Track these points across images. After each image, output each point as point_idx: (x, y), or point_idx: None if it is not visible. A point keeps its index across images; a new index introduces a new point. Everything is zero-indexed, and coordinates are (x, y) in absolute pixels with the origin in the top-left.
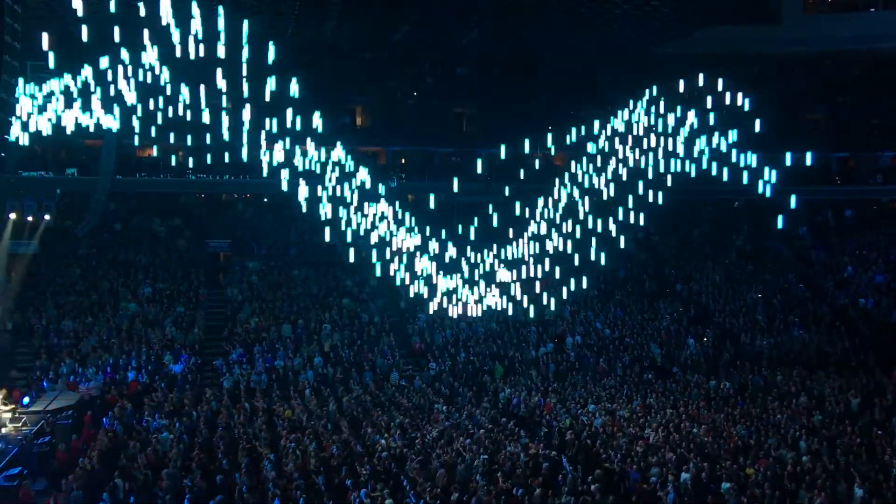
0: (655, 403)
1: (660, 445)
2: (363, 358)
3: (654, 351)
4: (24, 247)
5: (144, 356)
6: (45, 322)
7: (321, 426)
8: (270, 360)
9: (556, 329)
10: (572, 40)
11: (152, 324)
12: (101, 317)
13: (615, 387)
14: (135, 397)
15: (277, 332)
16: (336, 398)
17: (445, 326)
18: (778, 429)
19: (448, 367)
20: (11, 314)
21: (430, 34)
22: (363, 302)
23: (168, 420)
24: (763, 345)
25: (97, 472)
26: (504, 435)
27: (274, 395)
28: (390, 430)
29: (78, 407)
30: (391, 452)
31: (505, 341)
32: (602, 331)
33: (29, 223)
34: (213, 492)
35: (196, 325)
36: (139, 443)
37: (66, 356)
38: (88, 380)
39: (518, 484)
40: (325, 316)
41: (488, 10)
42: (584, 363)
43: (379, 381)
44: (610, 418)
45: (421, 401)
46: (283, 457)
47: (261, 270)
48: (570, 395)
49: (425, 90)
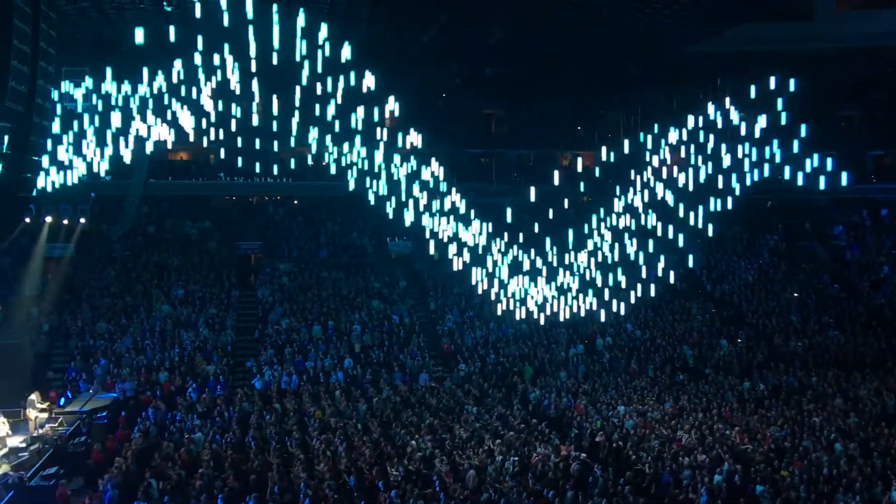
0: (688, 405)
1: (692, 447)
2: (393, 359)
3: (686, 352)
4: (59, 250)
5: (177, 357)
6: (81, 324)
7: (352, 427)
8: (301, 360)
9: (586, 330)
10: (601, 40)
11: (185, 325)
12: (134, 318)
13: (646, 388)
14: (168, 398)
15: (308, 333)
16: (366, 399)
17: (475, 327)
18: (813, 431)
19: (478, 369)
20: (48, 316)
21: (459, 35)
22: (393, 303)
23: (201, 420)
24: (797, 346)
25: (132, 471)
26: (534, 437)
27: (305, 396)
28: (420, 431)
29: (113, 407)
30: (422, 453)
31: (534, 342)
32: (633, 332)
33: (64, 227)
34: (245, 492)
35: (228, 326)
36: (173, 443)
37: (100, 357)
38: (123, 380)
39: (548, 486)
40: (354, 317)
41: (516, 9)
42: (614, 365)
43: (409, 382)
44: (641, 420)
45: (450, 402)
46: (315, 457)
47: (291, 272)
48: (601, 396)
49: (454, 91)
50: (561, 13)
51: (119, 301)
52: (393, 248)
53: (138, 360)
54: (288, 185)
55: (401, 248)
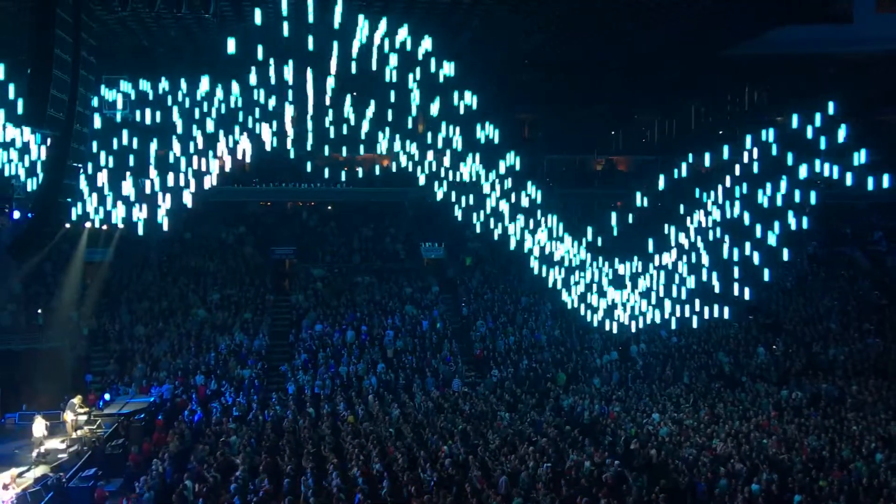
0: (724, 413)
1: (728, 456)
2: (425, 364)
3: (722, 359)
4: (99, 255)
5: (213, 361)
6: (119, 327)
7: (385, 432)
8: (334, 365)
9: (620, 337)
10: (637, 42)
11: (221, 329)
12: (171, 322)
13: (681, 396)
14: (204, 401)
15: (341, 338)
16: (399, 404)
17: (508, 333)
18: (853, 440)
19: (510, 374)
20: (87, 320)
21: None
22: (426, 308)
23: (236, 424)
24: (836, 353)
25: (168, 474)
26: (567, 443)
27: (338, 401)
28: (453, 437)
29: (150, 410)
30: (454, 459)
31: (568, 348)
32: (668, 339)
33: (103, 232)
34: (279, 495)
35: (262, 330)
36: (208, 446)
37: (138, 360)
38: (160, 384)
39: (581, 493)
40: (387, 322)
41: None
42: (649, 371)
43: (442, 388)
44: (676, 428)
45: (483, 408)
46: (348, 462)
47: (325, 277)
48: (635, 403)
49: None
50: (597, 17)
51: (156, 305)
52: (426, 253)
53: (175, 363)
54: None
55: (434, 253)
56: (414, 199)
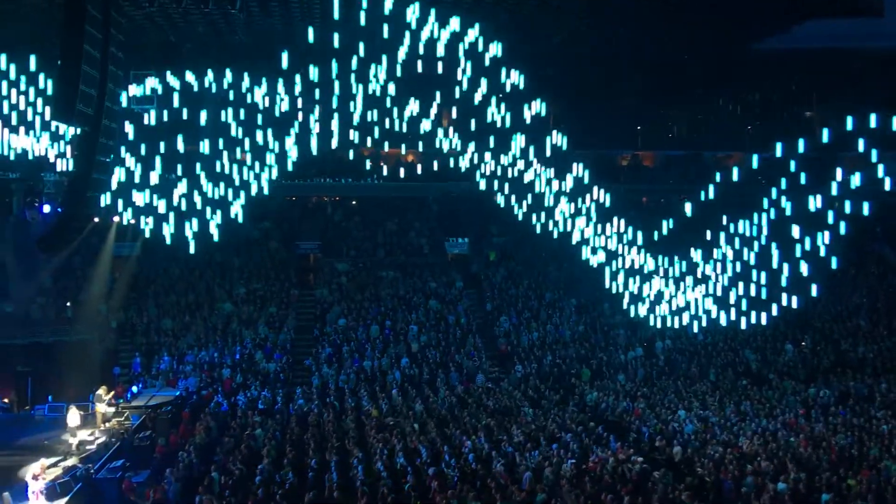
0: (750, 411)
1: (755, 454)
2: (449, 359)
3: (749, 356)
4: (127, 249)
5: (238, 354)
6: (146, 321)
7: (408, 426)
8: (358, 359)
9: (645, 332)
10: (662, 36)
11: (246, 323)
12: (198, 316)
13: (707, 393)
14: (230, 394)
15: (366, 332)
16: (423, 398)
17: (532, 328)
18: (881, 439)
19: (534, 370)
20: (116, 313)
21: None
22: (450, 303)
23: (261, 417)
24: (865, 351)
25: (194, 465)
26: (592, 439)
27: (362, 395)
28: (477, 432)
29: (176, 403)
30: (478, 454)
31: (592, 344)
32: (694, 336)
33: (131, 226)
34: (304, 488)
35: (287, 324)
36: (234, 438)
37: (165, 353)
38: (186, 377)
39: (606, 490)
40: (411, 317)
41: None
42: (674, 368)
43: (465, 382)
44: (702, 425)
45: (507, 403)
46: (372, 455)
47: (349, 272)
48: (660, 400)
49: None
50: (622, 9)
51: (182, 299)
52: (450, 248)
53: (201, 356)
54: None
55: (458, 248)
56: (438, 195)
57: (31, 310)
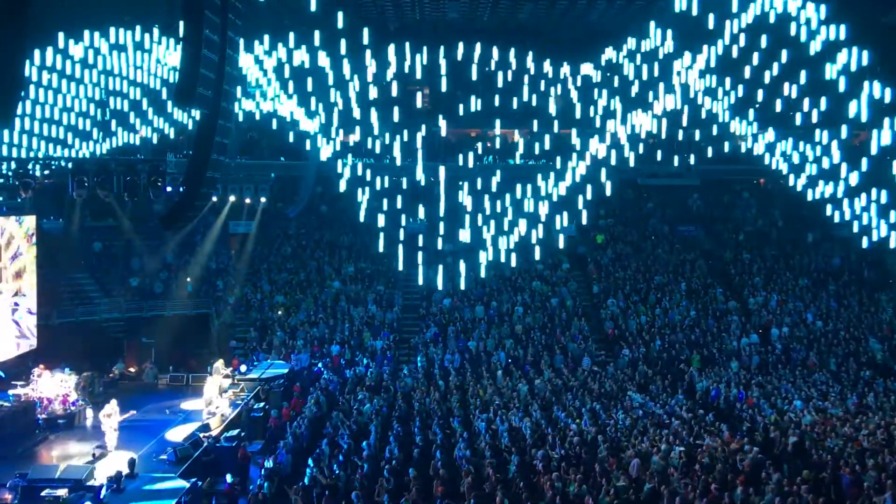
0: (874, 403)
1: (878, 449)
2: (554, 341)
3: (874, 346)
4: (243, 227)
5: (347, 332)
6: (260, 297)
7: (513, 407)
8: (463, 340)
9: (760, 319)
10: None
11: (354, 301)
12: (308, 293)
13: (826, 383)
14: (339, 370)
15: (471, 313)
16: (528, 380)
17: (640, 312)
18: None
19: (642, 355)
20: (232, 289)
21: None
22: (555, 285)
23: (369, 393)
24: None
25: (305, 437)
26: (702, 427)
27: (467, 375)
28: (581, 415)
29: (288, 377)
30: (583, 437)
31: (703, 330)
32: (813, 323)
33: (247, 205)
34: (408, 464)
35: (394, 303)
36: (343, 412)
37: (277, 329)
38: (297, 352)
39: (716, 480)
40: (517, 298)
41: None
42: (791, 357)
43: (570, 365)
44: (821, 416)
45: (613, 387)
46: (476, 435)
47: (455, 252)
48: (776, 389)
49: None
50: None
51: (294, 276)
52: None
53: (311, 333)
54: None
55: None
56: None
57: (154, 284)
